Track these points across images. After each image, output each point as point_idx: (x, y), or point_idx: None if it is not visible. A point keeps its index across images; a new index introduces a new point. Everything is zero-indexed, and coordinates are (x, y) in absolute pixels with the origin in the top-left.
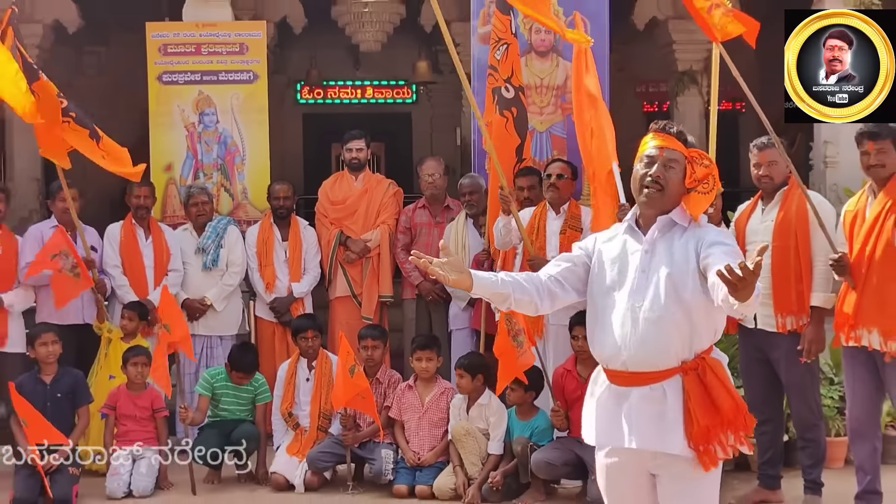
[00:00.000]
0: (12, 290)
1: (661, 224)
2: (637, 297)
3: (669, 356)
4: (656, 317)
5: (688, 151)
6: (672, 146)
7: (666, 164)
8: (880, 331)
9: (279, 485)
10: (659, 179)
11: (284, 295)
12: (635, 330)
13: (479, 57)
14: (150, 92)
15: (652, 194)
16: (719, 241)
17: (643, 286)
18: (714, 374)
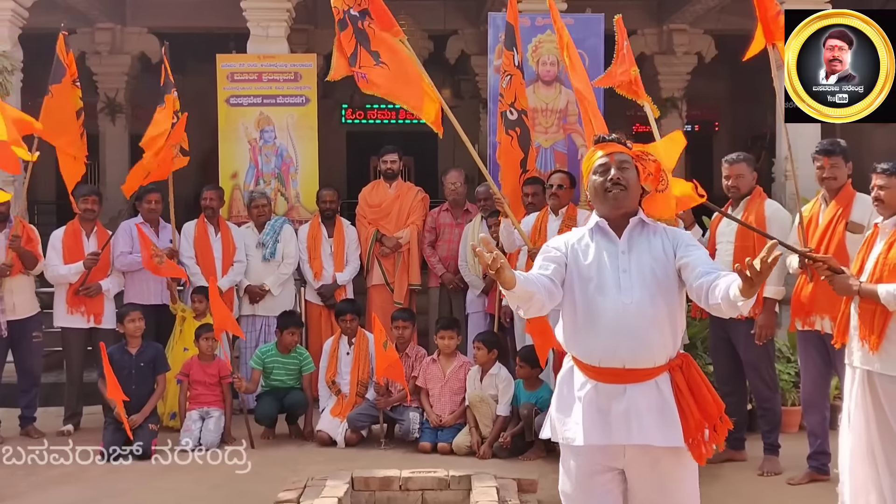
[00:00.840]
0: (109, 277)
1: (633, 225)
2: (626, 296)
3: (663, 352)
4: (649, 313)
5: (632, 152)
6: (618, 150)
7: (619, 166)
8: (831, 317)
9: (323, 441)
10: (619, 180)
11: (330, 282)
12: (630, 327)
13: (493, 85)
14: (220, 112)
15: (618, 194)
16: (693, 244)
17: (629, 285)
18: (696, 371)
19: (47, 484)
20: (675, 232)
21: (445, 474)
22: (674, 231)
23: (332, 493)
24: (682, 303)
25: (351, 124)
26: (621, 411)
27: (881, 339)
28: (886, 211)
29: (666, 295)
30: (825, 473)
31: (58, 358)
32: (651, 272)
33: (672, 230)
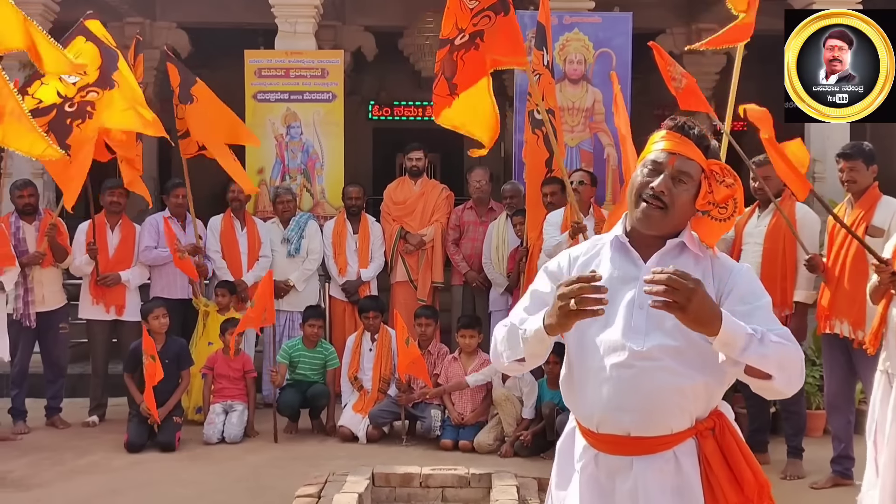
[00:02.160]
0: (130, 269)
1: (669, 248)
2: (636, 341)
3: (684, 415)
4: (667, 367)
5: (707, 163)
6: (688, 153)
7: (676, 175)
8: (850, 322)
9: (345, 436)
10: (662, 195)
11: (354, 279)
12: (637, 384)
13: (520, 83)
14: (247, 108)
15: (651, 212)
16: (754, 293)
17: (641, 327)
18: (732, 436)
19: (72, 474)
20: (731, 268)
21: (466, 472)
22: (728, 266)
23: (353, 489)
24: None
25: (377, 121)
26: (626, 492)
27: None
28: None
29: (697, 347)
30: (849, 478)
31: (84, 349)
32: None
33: (726, 263)
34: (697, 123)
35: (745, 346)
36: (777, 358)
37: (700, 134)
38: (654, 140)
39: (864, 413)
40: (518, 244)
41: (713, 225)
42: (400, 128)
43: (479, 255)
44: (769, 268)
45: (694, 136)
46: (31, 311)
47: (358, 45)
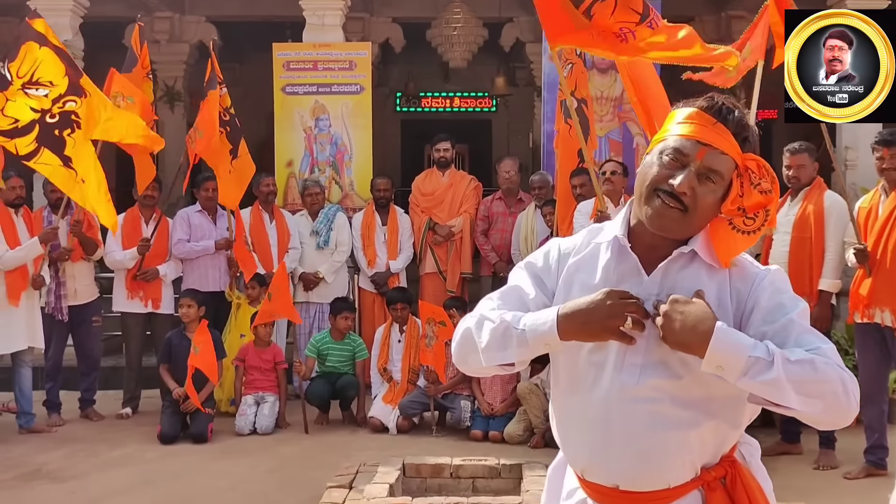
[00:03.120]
0: (166, 263)
1: (675, 258)
2: (629, 373)
3: (685, 466)
4: (665, 412)
5: (743, 157)
6: (722, 145)
7: (703, 173)
8: (892, 310)
9: (376, 427)
10: (684, 197)
11: (383, 270)
12: (628, 428)
13: (548, 73)
14: (276, 101)
15: (666, 212)
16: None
17: (637, 358)
18: (746, 489)
19: (106, 466)
20: (752, 279)
21: (496, 462)
22: (749, 276)
23: (384, 480)
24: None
25: (405, 112)
26: None
27: None
28: None
29: (706, 384)
30: (883, 468)
31: (117, 342)
32: None
33: (747, 272)
34: (738, 105)
35: (745, 369)
36: (797, 383)
37: (740, 120)
38: (678, 119)
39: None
40: (547, 234)
41: (734, 237)
42: (428, 119)
43: (508, 246)
44: (797, 257)
45: (732, 123)
46: (64, 304)
47: (386, 36)
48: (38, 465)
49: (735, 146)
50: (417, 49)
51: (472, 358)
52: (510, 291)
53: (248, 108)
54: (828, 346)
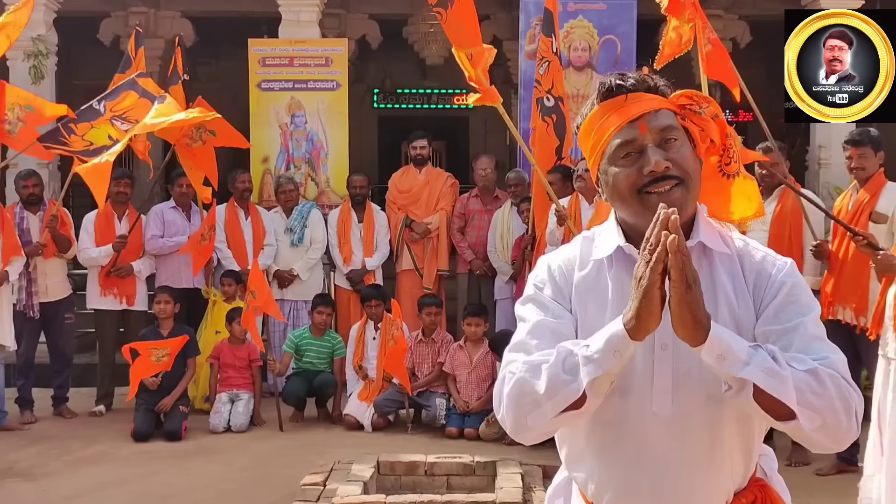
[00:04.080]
0: (140, 259)
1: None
2: (660, 403)
3: (723, 492)
4: (702, 438)
5: (673, 100)
6: (650, 105)
7: (660, 138)
8: (853, 308)
9: (351, 425)
10: (670, 170)
11: (359, 268)
12: (665, 463)
13: (525, 70)
14: (251, 96)
15: (669, 198)
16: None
17: (666, 381)
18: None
19: (79, 463)
20: (769, 270)
21: (471, 460)
22: (766, 266)
23: (358, 477)
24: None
25: (382, 109)
26: None
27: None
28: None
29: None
30: (853, 464)
31: (90, 339)
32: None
33: (762, 260)
34: (628, 72)
35: (748, 357)
36: (796, 389)
37: (637, 78)
38: (596, 124)
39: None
40: (523, 232)
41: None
42: (405, 116)
43: (484, 244)
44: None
45: (636, 85)
46: (35, 301)
47: (362, 33)
48: (10, 463)
49: (658, 98)
50: (394, 46)
51: (534, 416)
52: (538, 329)
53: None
54: (837, 356)
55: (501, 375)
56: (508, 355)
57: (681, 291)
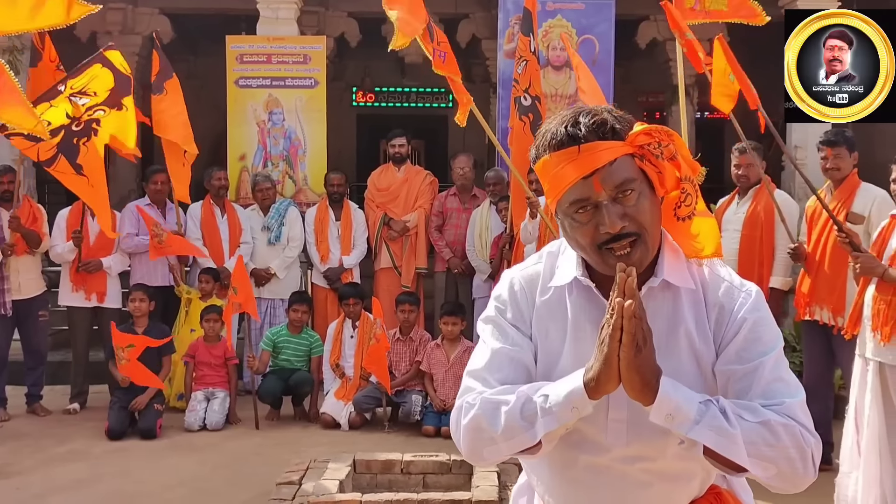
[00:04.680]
0: (111, 256)
1: (647, 295)
2: (616, 434)
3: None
4: (659, 471)
5: (630, 142)
6: (603, 159)
7: (614, 194)
8: (830, 308)
9: (327, 423)
10: (627, 228)
11: (336, 266)
12: (619, 495)
13: (503, 69)
14: (229, 94)
15: (628, 255)
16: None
17: (621, 414)
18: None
19: (52, 461)
20: (730, 305)
21: (447, 458)
22: (733, 299)
23: (334, 476)
24: None
25: (361, 107)
26: None
27: (895, 330)
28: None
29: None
30: (828, 463)
31: (64, 336)
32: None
33: (731, 294)
34: (572, 115)
35: (697, 416)
36: (750, 445)
37: (590, 123)
38: (549, 174)
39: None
40: (501, 231)
41: (686, 228)
42: (384, 114)
43: (462, 242)
44: (747, 254)
45: (589, 133)
46: (7, 299)
47: (341, 31)
48: None
49: (614, 145)
50: (373, 44)
51: (490, 451)
52: (496, 358)
53: (202, 101)
54: (796, 400)
55: (459, 404)
56: (467, 380)
57: (629, 356)
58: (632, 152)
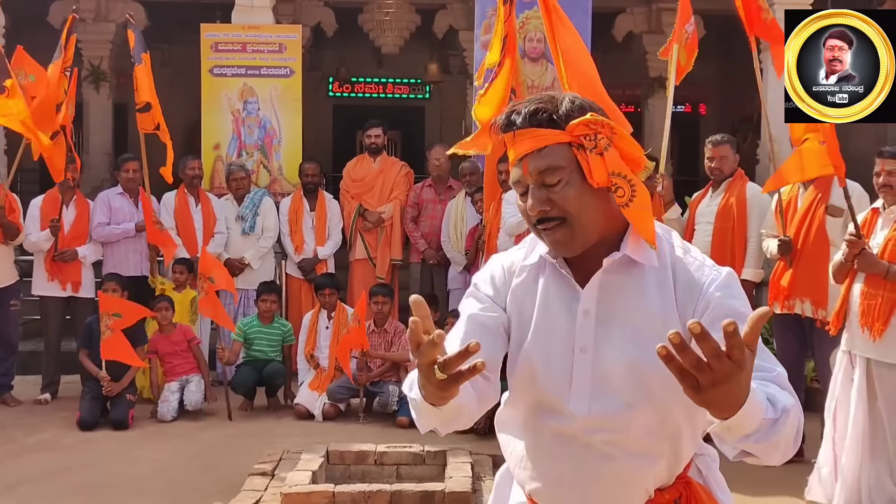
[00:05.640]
0: (86, 245)
1: (609, 269)
2: (578, 402)
3: (640, 495)
4: (617, 441)
5: (569, 131)
6: (535, 144)
7: (539, 179)
8: (812, 300)
9: (301, 414)
10: (549, 213)
11: (311, 256)
12: (578, 463)
13: (479, 60)
14: (203, 82)
15: (554, 238)
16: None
17: (584, 384)
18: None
19: (23, 451)
20: (702, 281)
21: (421, 449)
22: (703, 277)
23: (307, 467)
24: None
25: (338, 97)
26: None
27: (886, 326)
28: (894, 196)
29: (655, 399)
30: (800, 455)
31: (36, 326)
32: (631, 365)
33: (702, 273)
34: (523, 103)
35: (752, 432)
36: (783, 440)
37: (528, 111)
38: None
39: (814, 391)
40: (477, 222)
41: (626, 213)
42: (360, 104)
43: (437, 233)
44: (719, 247)
45: (525, 121)
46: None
47: (317, 20)
48: None
49: (547, 133)
50: (350, 34)
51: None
52: (468, 323)
53: (176, 89)
54: (781, 369)
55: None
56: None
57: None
58: (568, 141)
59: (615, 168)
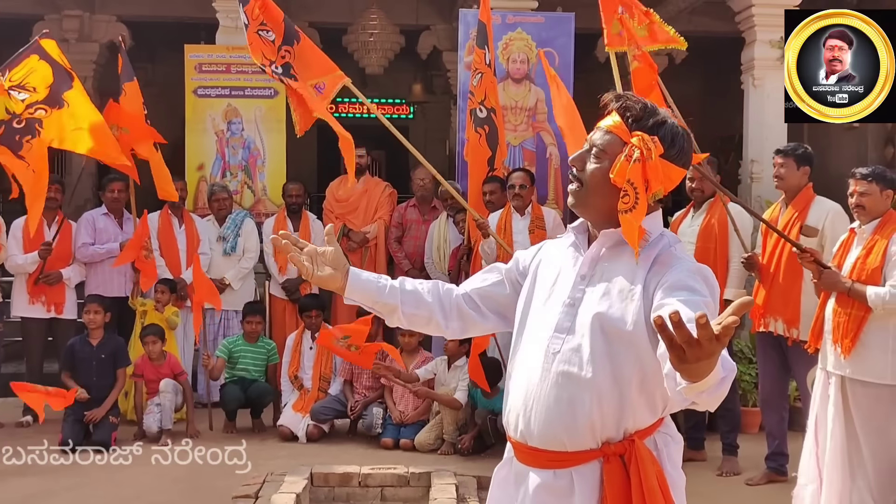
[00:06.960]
0: (70, 267)
1: (605, 240)
2: (555, 342)
3: (584, 432)
4: (573, 373)
5: (630, 135)
6: (611, 128)
7: (591, 149)
8: (784, 319)
9: (285, 436)
10: (576, 172)
11: (295, 277)
12: (543, 388)
13: (464, 81)
14: (187, 103)
15: (571, 190)
16: (685, 285)
17: (566, 326)
18: (642, 470)
19: (4, 475)
20: (671, 264)
21: (405, 471)
22: (669, 259)
23: (291, 489)
24: (653, 368)
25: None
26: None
27: (854, 343)
28: (867, 217)
29: (612, 354)
30: (783, 474)
31: (17, 348)
32: (596, 317)
33: (671, 257)
34: (631, 97)
35: (707, 389)
36: (725, 391)
37: (625, 105)
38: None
39: (797, 410)
40: (460, 242)
41: (622, 218)
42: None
43: (421, 254)
44: None
45: (619, 107)
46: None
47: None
48: None
49: (620, 126)
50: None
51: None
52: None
53: (160, 109)
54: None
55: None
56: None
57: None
58: (628, 141)
59: (634, 178)
